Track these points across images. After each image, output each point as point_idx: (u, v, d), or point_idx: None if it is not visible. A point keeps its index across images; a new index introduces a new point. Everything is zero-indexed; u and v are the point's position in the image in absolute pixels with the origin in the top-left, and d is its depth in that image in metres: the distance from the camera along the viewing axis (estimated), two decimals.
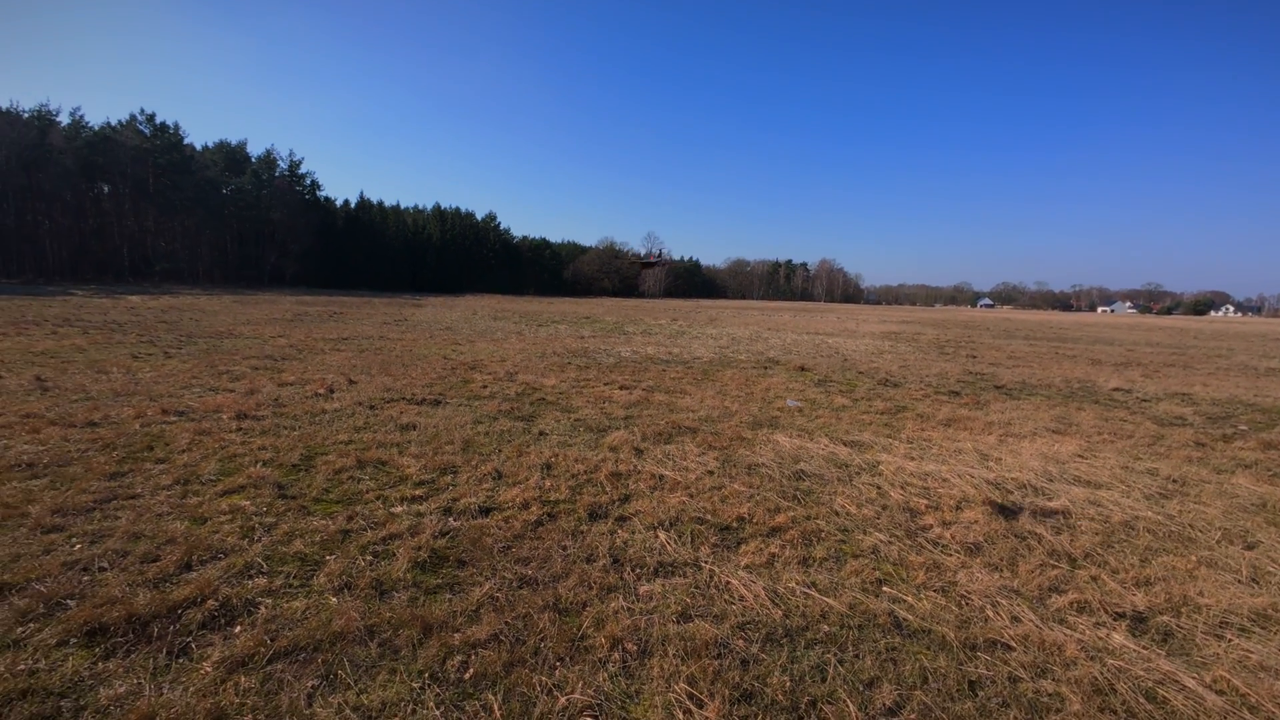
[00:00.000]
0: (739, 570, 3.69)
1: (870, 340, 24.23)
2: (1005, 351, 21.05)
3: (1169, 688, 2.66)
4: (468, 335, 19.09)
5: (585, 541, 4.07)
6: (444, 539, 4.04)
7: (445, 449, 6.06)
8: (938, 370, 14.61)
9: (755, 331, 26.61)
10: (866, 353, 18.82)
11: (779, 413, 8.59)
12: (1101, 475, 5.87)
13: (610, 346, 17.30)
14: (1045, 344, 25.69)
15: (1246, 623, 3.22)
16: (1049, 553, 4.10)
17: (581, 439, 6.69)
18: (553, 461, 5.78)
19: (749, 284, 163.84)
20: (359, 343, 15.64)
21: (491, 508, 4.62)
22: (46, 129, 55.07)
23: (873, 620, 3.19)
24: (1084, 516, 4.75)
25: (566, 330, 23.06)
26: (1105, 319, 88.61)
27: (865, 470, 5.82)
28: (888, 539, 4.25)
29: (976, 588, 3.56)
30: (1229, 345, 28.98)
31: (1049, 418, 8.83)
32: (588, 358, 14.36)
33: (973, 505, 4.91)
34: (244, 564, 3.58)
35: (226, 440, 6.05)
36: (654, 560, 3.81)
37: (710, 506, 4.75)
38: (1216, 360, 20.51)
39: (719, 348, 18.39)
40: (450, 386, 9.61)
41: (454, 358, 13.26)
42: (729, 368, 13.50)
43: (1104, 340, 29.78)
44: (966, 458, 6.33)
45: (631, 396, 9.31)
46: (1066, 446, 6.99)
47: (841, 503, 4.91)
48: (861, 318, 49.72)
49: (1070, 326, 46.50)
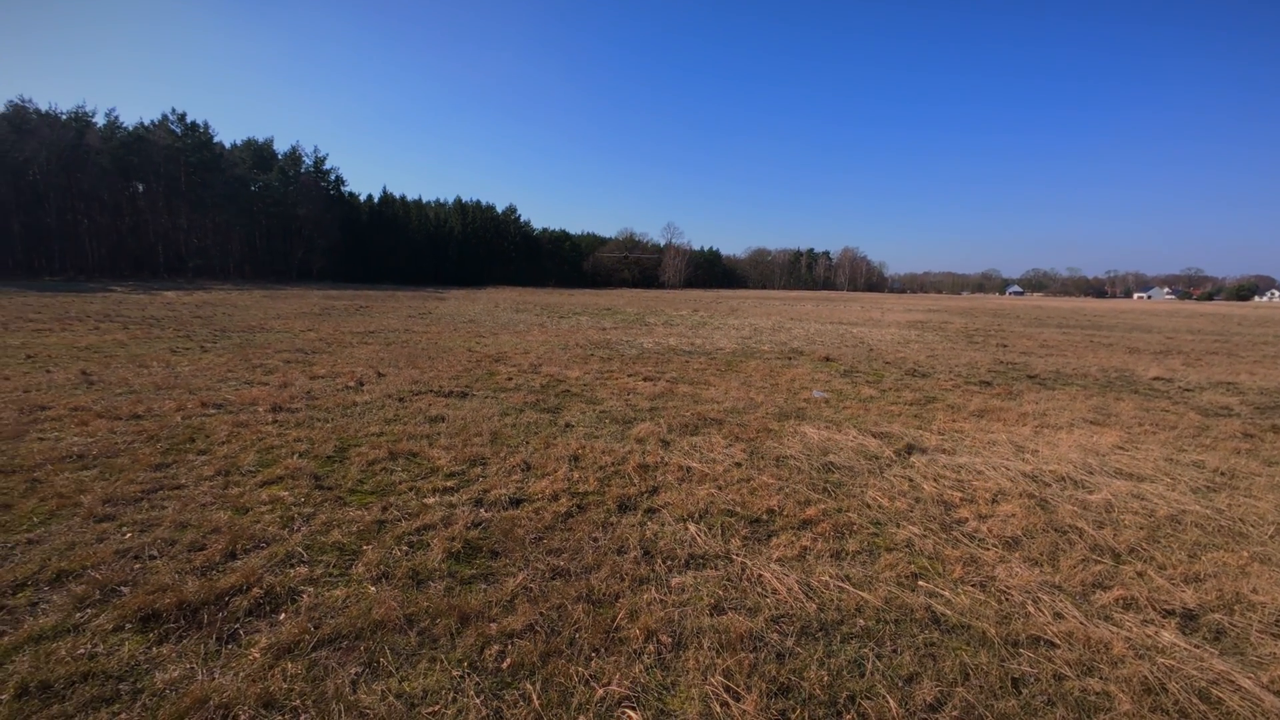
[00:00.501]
0: (771, 563, 3.66)
1: (896, 329, 23.81)
2: (1037, 340, 20.50)
3: (1223, 688, 2.57)
4: (490, 328, 19.26)
5: (615, 533, 4.08)
6: (476, 530, 4.09)
7: (474, 441, 6.13)
8: (967, 360, 14.29)
9: (778, 322, 26.35)
10: (892, 342, 18.50)
11: (805, 404, 8.50)
12: (1144, 468, 5.69)
13: (632, 338, 17.30)
14: (1079, 332, 24.95)
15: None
16: (1091, 547, 3.98)
17: (608, 431, 6.70)
18: (580, 453, 5.80)
19: (770, 273, 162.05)
20: (385, 336, 15.90)
21: (522, 499, 4.66)
22: (84, 130, 56.81)
23: (909, 615, 3.15)
24: (1127, 510, 4.61)
25: (588, 322, 23.12)
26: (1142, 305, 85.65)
27: (896, 462, 5.73)
28: (922, 532, 4.18)
29: (1016, 583, 3.48)
30: (1276, 332, 27.79)
31: (1086, 408, 8.58)
32: (610, 349, 14.38)
33: (1009, 498, 4.80)
34: (285, 553, 3.68)
35: (263, 432, 6.20)
36: (684, 552, 3.81)
37: (739, 499, 4.72)
38: (1263, 348, 19.69)
39: (741, 338, 18.25)
40: (476, 379, 9.72)
41: (478, 350, 13.40)
42: (752, 359, 13.39)
43: (1141, 328, 28.80)
44: (1001, 449, 6.18)
45: (655, 388, 9.30)
46: (1106, 438, 6.78)
47: (873, 495, 4.84)
48: (886, 306, 48.87)
49: (1105, 314, 45.06)
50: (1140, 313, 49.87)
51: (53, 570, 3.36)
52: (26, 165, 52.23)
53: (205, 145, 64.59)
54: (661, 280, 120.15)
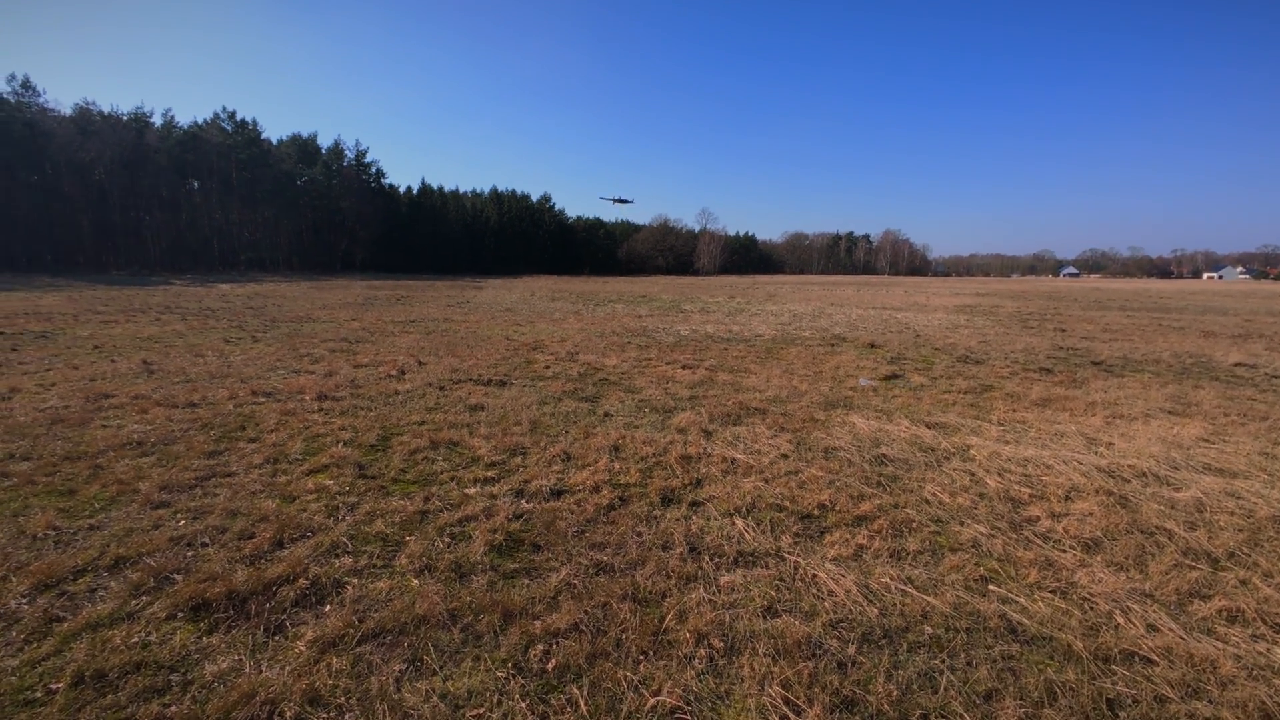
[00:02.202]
0: (825, 562, 3.46)
1: (943, 314, 22.84)
2: (1099, 324, 19.33)
3: None
4: (527, 316, 19.35)
5: (660, 528, 3.94)
6: (518, 522, 4.01)
7: (513, 430, 6.08)
8: (1023, 345, 13.55)
9: (818, 307, 25.65)
10: (940, 327, 17.73)
11: (852, 392, 8.16)
12: (1236, 463, 5.19)
13: (669, 325, 17.09)
14: (1145, 315, 23.43)
15: None
16: (1183, 551, 3.63)
17: (647, 420, 6.56)
18: (620, 443, 5.68)
19: (807, 258, 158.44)
20: (425, 325, 16.14)
21: (562, 490, 4.57)
22: (143, 130, 59.63)
23: (982, 623, 2.90)
24: (1221, 510, 4.19)
25: (623, 309, 22.99)
26: (1214, 286, 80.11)
27: (954, 455, 5.40)
28: (989, 531, 3.89)
29: (1101, 590, 3.18)
30: None
31: (1162, 397, 7.96)
32: (647, 336, 14.22)
33: (1084, 495, 4.44)
34: (331, 543, 3.67)
35: (309, 420, 6.30)
36: (733, 549, 3.64)
37: (787, 493, 4.51)
38: None
39: (780, 324, 17.81)
40: (514, 367, 9.71)
41: (516, 338, 13.44)
42: (793, 345, 13.01)
43: (1215, 309, 26.86)
44: (1070, 442, 5.76)
45: (695, 376, 9.10)
46: (1189, 430, 6.25)
47: (932, 490, 4.55)
48: (931, 291, 47.09)
49: (1172, 295, 42.26)
50: (1212, 294, 46.60)
51: (111, 556, 3.44)
52: (92, 165, 55.26)
53: (254, 142, 66.95)
54: (696, 267, 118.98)
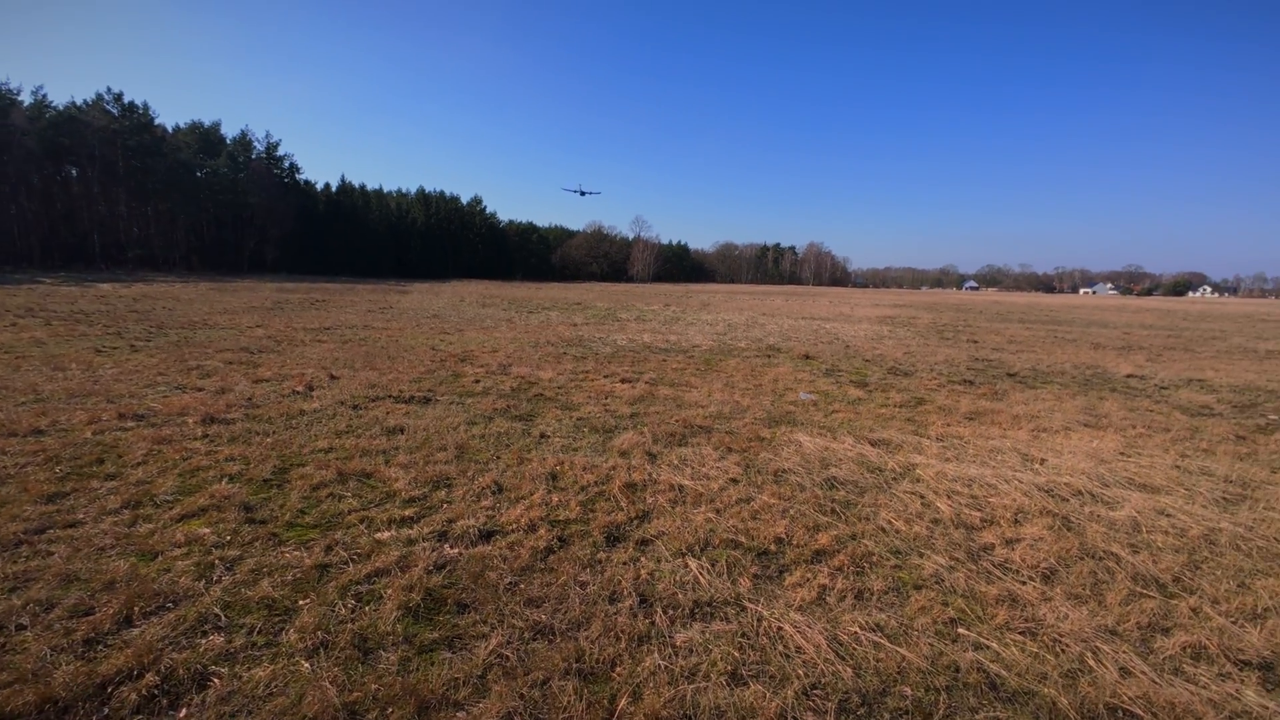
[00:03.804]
0: (790, 611, 3.14)
1: (868, 325, 23.81)
2: (1004, 335, 20.73)
3: None
4: (456, 323, 18.33)
5: (605, 574, 3.50)
6: (439, 574, 3.44)
7: (437, 456, 5.44)
8: (943, 357, 14.18)
9: (751, 317, 26.07)
10: (867, 338, 18.37)
11: (793, 407, 8.06)
12: (1156, 478, 5.41)
13: (605, 334, 16.67)
14: (1041, 327, 25.45)
15: None
16: (1133, 577, 3.60)
17: (587, 442, 6.10)
18: (558, 470, 5.19)
19: (737, 268, 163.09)
20: (341, 333, 14.86)
21: (493, 530, 4.03)
22: (8, 109, 52.43)
23: (960, 679, 2.67)
24: (1157, 530, 4.27)
25: (558, 317, 22.35)
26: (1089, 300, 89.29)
27: (903, 476, 5.31)
28: (948, 563, 3.73)
29: (1068, 628, 3.05)
30: (1220, 327, 28.99)
31: (1075, 409, 8.40)
32: (583, 347, 13.73)
33: (1031, 518, 4.41)
34: (197, 616, 2.97)
35: (189, 450, 5.38)
36: (688, 599, 3.25)
37: (741, 525, 4.19)
38: (1214, 343, 20.36)
39: (717, 334, 17.82)
40: (440, 381, 8.95)
41: (442, 348, 12.56)
42: (731, 356, 12.94)
43: (1097, 323, 29.66)
44: (1007, 458, 5.84)
45: (635, 390, 8.72)
46: (1107, 443, 6.53)
47: (887, 517, 4.38)
48: (854, 301, 49.41)
49: (1060, 309, 46.56)
50: (1091, 308, 51.74)
51: None
52: None
53: (145, 128, 60.62)
54: (630, 274, 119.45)
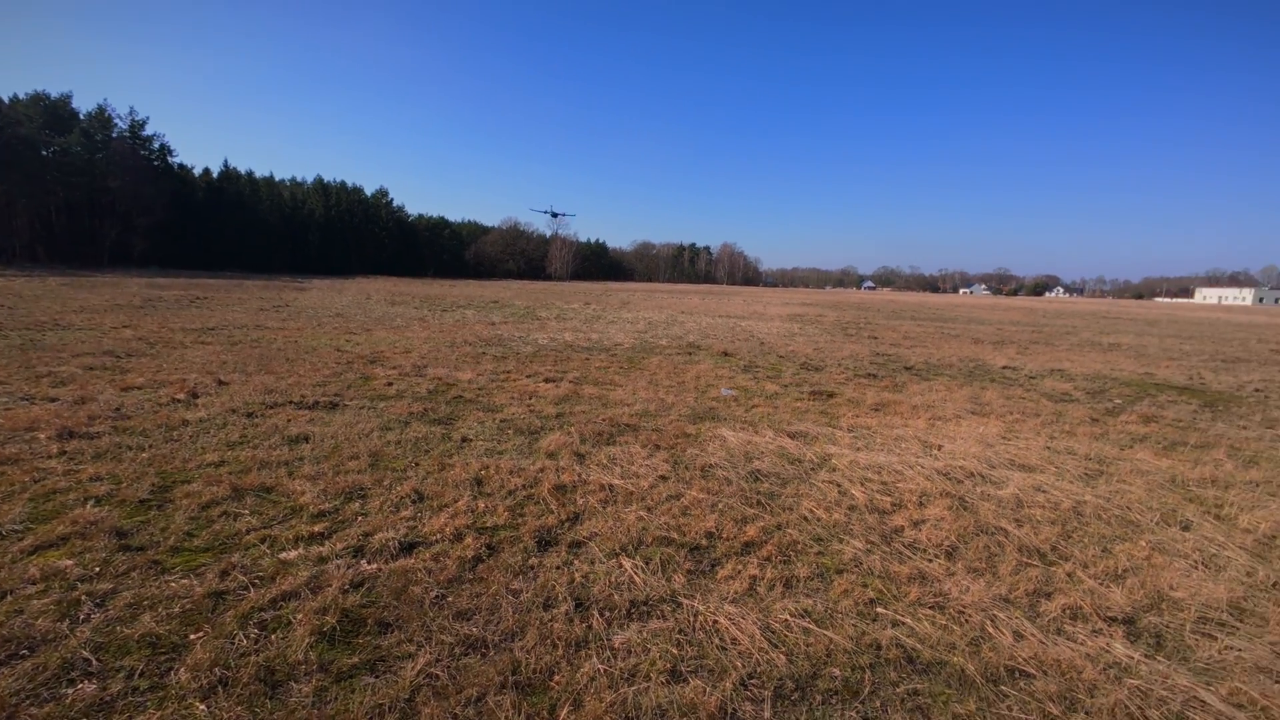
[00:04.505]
0: (725, 604, 3.20)
1: (779, 323, 24.96)
2: (900, 332, 22.47)
3: (1198, 710, 2.53)
4: (363, 323, 17.20)
5: (538, 580, 3.40)
6: (357, 593, 3.20)
7: (349, 466, 5.06)
8: (848, 352, 15.13)
9: (670, 315, 26.52)
10: (779, 335, 19.25)
11: (716, 403, 8.28)
12: (1031, 458, 6.07)
13: (525, 333, 16.30)
14: (930, 324, 27.87)
15: (1226, 617, 3.25)
16: (1019, 549, 4.01)
17: (512, 444, 5.92)
18: (483, 475, 4.99)
19: (655, 267, 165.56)
20: (230, 334, 13.48)
21: (416, 542, 3.80)
22: None
23: (882, 656, 2.84)
24: (1035, 504, 4.79)
25: (475, 316, 21.59)
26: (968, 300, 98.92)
27: (820, 466, 5.59)
28: (865, 547, 3.97)
29: (970, 600, 3.34)
30: (1072, 323, 33.11)
31: (963, 398, 9.25)
32: (503, 346, 13.34)
33: (933, 500, 4.80)
34: (62, 661, 2.56)
35: (43, 470, 4.65)
36: (624, 599, 3.23)
37: (673, 522, 4.23)
38: (1068, 337, 23.19)
39: (637, 333, 17.96)
40: (348, 385, 8.35)
41: (349, 350, 11.73)
42: (653, 354, 13.09)
43: (975, 320, 32.92)
44: (910, 446, 6.32)
45: (559, 390, 8.59)
46: (990, 428, 7.25)
47: (808, 506, 4.60)
48: (766, 300, 51.64)
49: (944, 307, 51.23)
50: (970, 306, 57.39)
51: None
52: None
53: None
54: (548, 271, 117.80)
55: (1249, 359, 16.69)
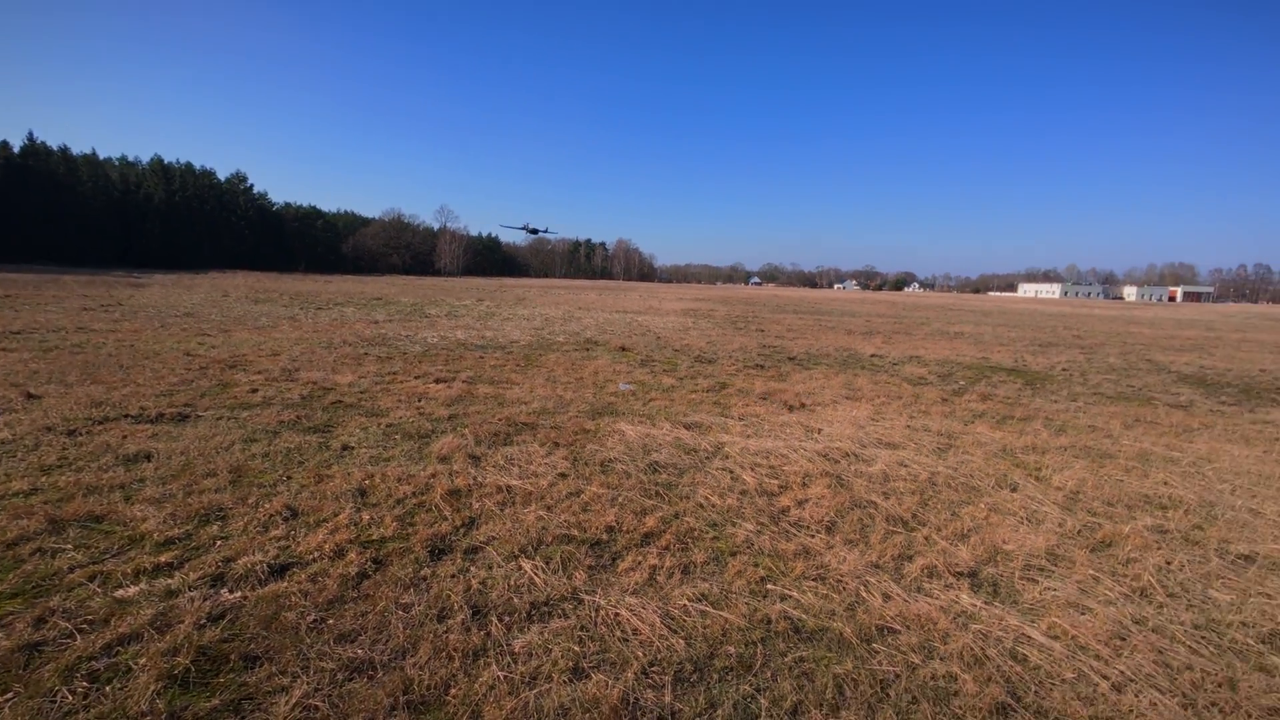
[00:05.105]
0: (625, 596, 3.24)
1: (674, 318, 25.68)
2: (784, 325, 24.04)
3: (1025, 644, 2.96)
4: (219, 323, 15.30)
5: (432, 591, 3.23)
6: (217, 626, 2.84)
7: (204, 485, 4.48)
8: (738, 345, 15.93)
9: (567, 311, 26.32)
10: (674, 330, 19.81)
11: (614, 398, 8.34)
12: (895, 436, 6.76)
13: (413, 332, 15.39)
14: (810, 317, 30.10)
15: (1044, 563, 3.83)
16: (887, 518, 4.46)
17: (400, 450, 5.57)
18: (368, 485, 4.65)
19: (551, 262, 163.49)
20: (42, 338, 11.38)
21: (289, 563, 3.45)
22: None
23: (772, 629, 3.03)
24: (899, 478, 5.34)
25: (355, 314, 20.01)
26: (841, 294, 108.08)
27: (714, 454, 5.84)
28: (756, 528, 4.21)
29: (847, 569, 3.65)
30: (926, 315, 37.32)
31: (839, 385, 10.09)
32: (388, 346, 12.50)
33: (814, 480, 5.19)
34: None
35: None
36: (524, 601, 3.17)
37: (573, 519, 4.21)
38: (923, 327, 26.11)
39: (534, 329, 17.64)
40: (202, 393, 7.39)
41: (202, 354, 10.38)
42: (550, 351, 12.92)
43: (848, 313, 36.06)
44: (794, 431, 6.78)
45: (451, 391, 8.21)
46: (861, 411, 7.98)
47: (704, 494, 4.78)
48: (661, 296, 52.87)
49: (822, 301, 55.56)
50: (843, 300, 62.73)
51: None
52: None
53: None
54: (437, 267, 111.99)
55: (1058, 343, 19.81)
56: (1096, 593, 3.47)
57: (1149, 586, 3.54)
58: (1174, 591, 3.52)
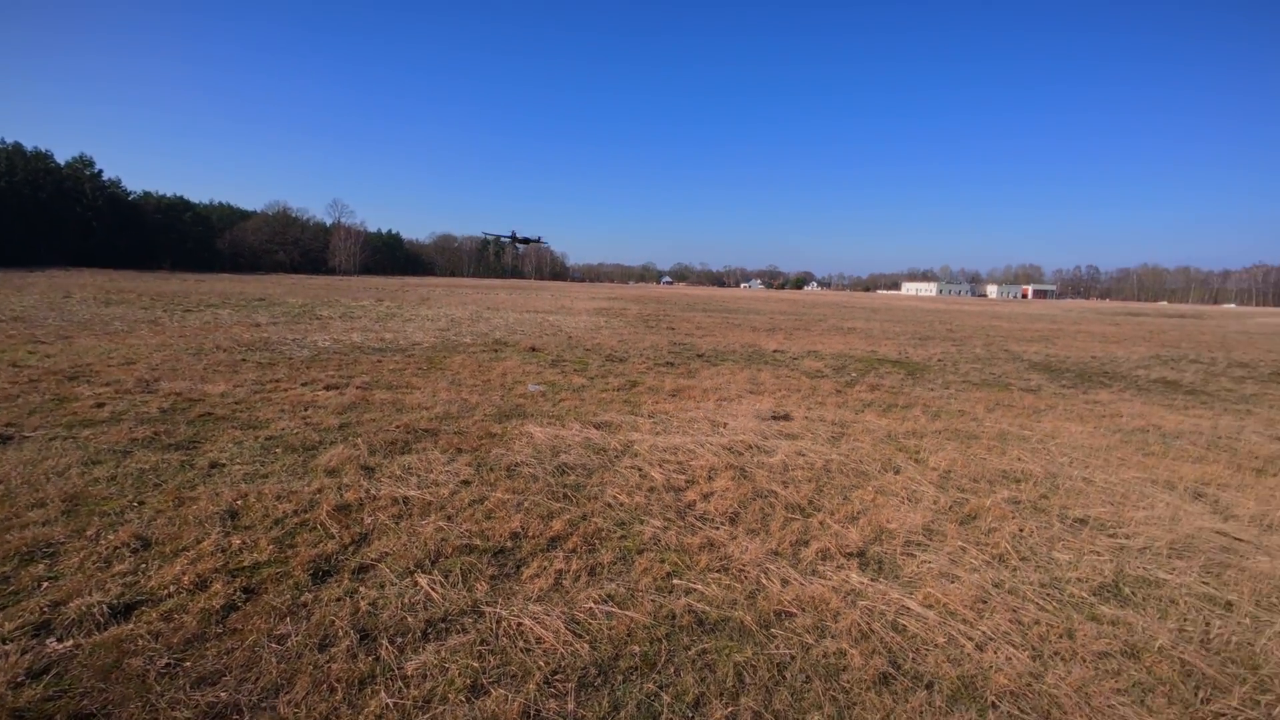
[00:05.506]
0: (529, 604, 3.14)
1: (586, 317, 25.58)
2: (693, 323, 24.68)
3: (904, 615, 3.20)
4: (58, 328, 13.25)
5: (313, 619, 2.95)
6: (38, 684, 2.43)
7: (29, 517, 3.84)
8: (650, 343, 16.13)
9: (475, 311, 25.42)
10: (586, 329, 19.73)
11: (523, 399, 8.14)
12: (794, 427, 7.13)
13: (301, 335, 14.17)
14: (718, 315, 31.15)
15: (921, 538, 4.17)
16: (786, 506, 4.67)
17: (281, 464, 5.08)
18: (240, 506, 4.19)
19: (458, 261, 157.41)
20: None
21: (137, 602, 3.02)
22: None
23: (677, 624, 3.06)
24: (797, 467, 5.62)
25: (232, 316, 18.12)
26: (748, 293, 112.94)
27: (623, 453, 5.84)
28: (663, 524, 4.25)
29: (748, 558, 3.77)
30: (823, 312, 39.84)
31: (744, 380, 10.49)
32: (271, 351, 11.42)
33: (720, 473, 5.33)
34: None
35: None
36: (419, 620, 2.98)
37: (475, 527, 4.04)
38: (821, 324, 27.84)
39: (439, 330, 16.86)
40: (30, 410, 6.34)
41: (34, 364, 8.92)
42: (456, 353, 12.40)
43: (754, 311, 37.70)
44: (701, 426, 6.95)
45: (344, 398, 7.62)
46: (765, 404, 8.34)
47: (612, 493, 4.76)
48: (574, 295, 52.51)
49: (729, 300, 57.72)
50: (749, 299, 65.53)
51: None
52: None
53: None
54: (331, 265, 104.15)
55: (934, 337, 21.87)
56: (964, 562, 3.83)
57: (1006, 553, 3.96)
58: (1026, 555, 3.97)
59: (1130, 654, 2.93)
